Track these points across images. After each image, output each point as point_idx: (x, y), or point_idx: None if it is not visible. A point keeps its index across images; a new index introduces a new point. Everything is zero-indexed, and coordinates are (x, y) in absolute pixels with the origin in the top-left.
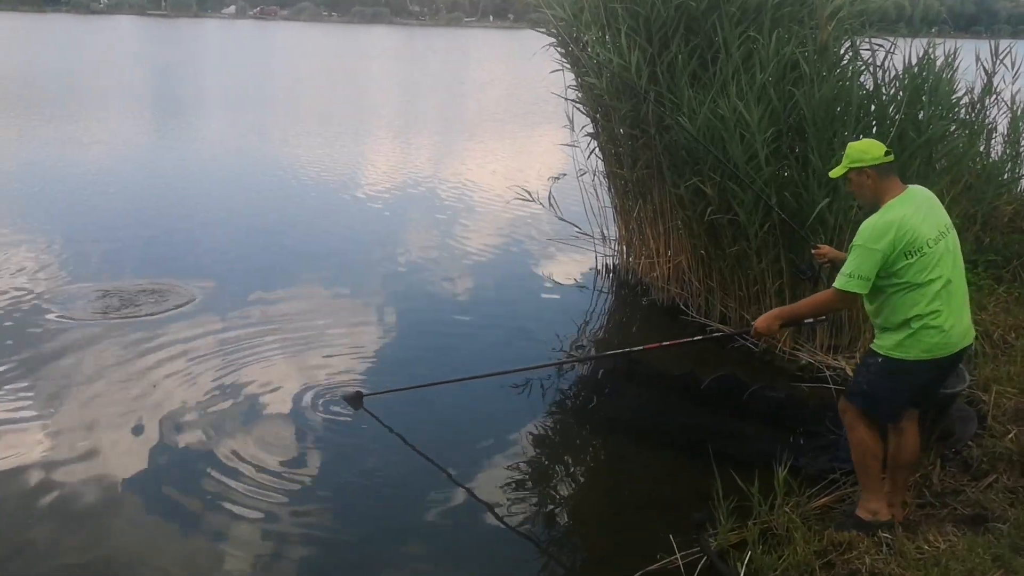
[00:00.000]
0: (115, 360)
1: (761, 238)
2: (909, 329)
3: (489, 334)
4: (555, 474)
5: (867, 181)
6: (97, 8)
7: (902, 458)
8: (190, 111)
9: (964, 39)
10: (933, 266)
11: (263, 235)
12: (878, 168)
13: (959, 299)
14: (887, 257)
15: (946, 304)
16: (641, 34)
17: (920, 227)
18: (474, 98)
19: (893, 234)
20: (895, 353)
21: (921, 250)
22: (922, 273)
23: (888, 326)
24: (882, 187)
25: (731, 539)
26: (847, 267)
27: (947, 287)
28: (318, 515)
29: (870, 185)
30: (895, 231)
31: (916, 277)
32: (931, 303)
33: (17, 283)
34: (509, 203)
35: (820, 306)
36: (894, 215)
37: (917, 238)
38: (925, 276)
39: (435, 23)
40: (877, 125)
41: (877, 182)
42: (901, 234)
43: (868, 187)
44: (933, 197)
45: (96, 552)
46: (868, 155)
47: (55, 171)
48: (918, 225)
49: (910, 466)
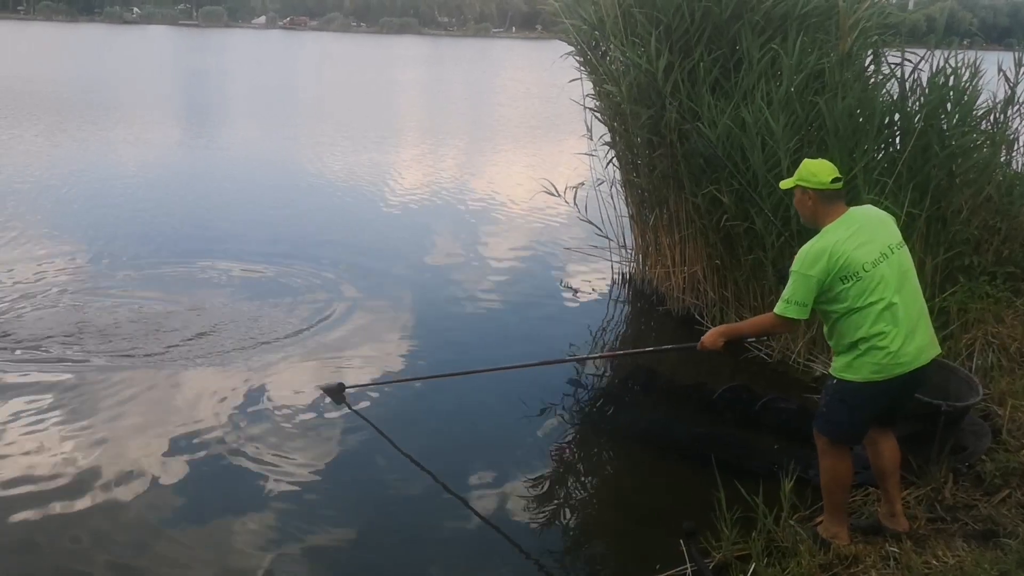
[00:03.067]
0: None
1: (778, 248)
2: (857, 351)
3: (502, 340)
4: (558, 481)
5: (808, 201)
6: (130, 18)
7: (882, 466)
8: (225, 119)
9: (997, 51)
10: (873, 289)
11: (284, 230)
12: (821, 193)
13: (910, 319)
14: (822, 283)
15: (891, 325)
16: (663, 42)
17: (854, 252)
18: (498, 107)
19: (825, 260)
20: (845, 375)
21: (857, 274)
22: (861, 297)
23: (839, 349)
24: (822, 210)
25: (735, 551)
26: (785, 292)
27: (890, 308)
28: (312, 519)
29: (810, 206)
30: (827, 257)
31: (856, 301)
32: (874, 325)
33: (48, 278)
34: (529, 212)
35: (761, 328)
36: (827, 241)
37: (851, 262)
38: (865, 299)
39: (463, 33)
40: (900, 136)
41: (817, 205)
42: (834, 260)
43: (808, 207)
44: (881, 217)
45: (96, 555)
46: (815, 178)
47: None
48: (852, 250)
49: (893, 472)
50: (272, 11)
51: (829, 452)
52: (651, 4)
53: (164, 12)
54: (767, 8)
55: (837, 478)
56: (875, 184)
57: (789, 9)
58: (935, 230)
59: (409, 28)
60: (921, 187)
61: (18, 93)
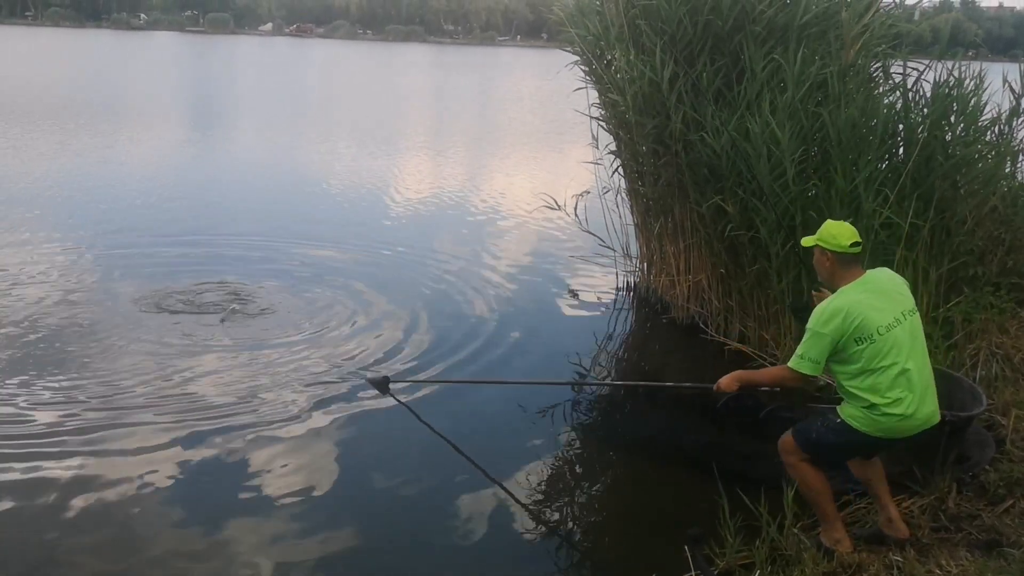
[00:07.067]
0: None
1: (783, 257)
2: (872, 411)
3: (508, 348)
4: (562, 488)
5: (827, 262)
6: (137, 24)
7: (866, 475)
8: (235, 125)
9: (1002, 62)
10: (886, 353)
11: (293, 236)
12: (839, 255)
13: (922, 384)
14: (836, 342)
15: (907, 391)
16: (668, 52)
17: (870, 313)
18: (504, 115)
19: (840, 320)
20: (854, 423)
21: (871, 337)
22: (875, 359)
23: (852, 405)
24: (839, 272)
25: (739, 559)
26: (800, 348)
27: (905, 374)
28: (312, 521)
29: (828, 267)
30: (842, 317)
31: (870, 363)
32: (890, 390)
33: (61, 283)
34: (535, 220)
35: (776, 380)
36: (843, 301)
37: (866, 324)
38: (878, 362)
39: (468, 41)
40: (904, 146)
41: (835, 266)
42: (849, 320)
43: (826, 268)
44: (896, 281)
45: (96, 555)
46: (835, 240)
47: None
48: (868, 312)
49: (879, 479)
50: (278, 18)
51: (798, 465)
52: (655, 15)
53: (170, 19)
54: (768, 19)
55: (814, 486)
56: (878, 194)
57: (790, 19)
58: (939, 240)
59: (415, 36)
60: (925, 197)
61: (50, 100)
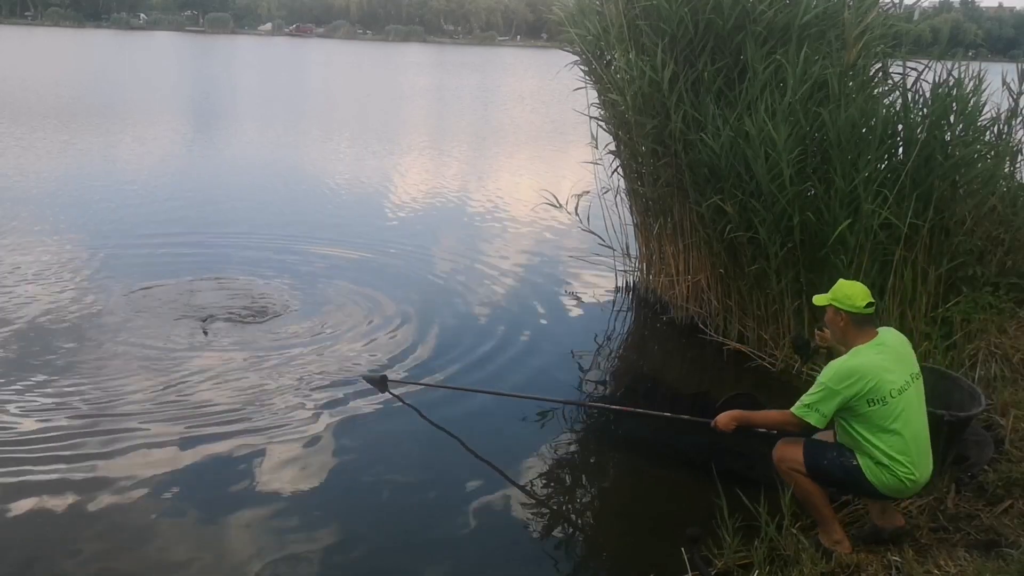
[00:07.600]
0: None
1: (781, 258)
2: (883, 469)
3: (508, 348)
4: (559, 489)
5: (840, 322)
6: (136, 24)
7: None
8: (237, 124)
9: (1002, 63)
10: (897, 415)
11: (293, 240)
12: (853, 316)
13: (925, 449)
14: (847, 400)
15: (917, 455)
16: (668, 52)
17: (884, 376)
18: (505, 115)
19: (856, 380)
20: (868, 474)
21: (884, 399)
22: (886, 420)
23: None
24: (852, 332)
25: (737, 560)
26: (809, 397)
27: (916, 440)
28: (327, 515)
29: (841, 326)
30: (858, 378)
31: (881, 423)
32: (902, 453)
33: (58, 285)
34: (536, 219)
35: (777, 423)
36: (859, 362)
37: (880, 387)
38: (888, 424)
39: (468, 41)
40: (904, 146)
41: (849, 326)
42: (864, 382)
43: (839, 327)
44: (904, 342)
45: (96, 555)
46: (849, 301)
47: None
48: (882, 374)
49: None
50: (278, 18)
51: (795, 475)
52: (656, 15)
53: (170, 19)
54: (769, 19)
55: (810, 492)
56: (877, 195)
57: (790, 19)
58: (938, 240)
59: (415, 36)
60: (924, 197)
61: (53, 99)
